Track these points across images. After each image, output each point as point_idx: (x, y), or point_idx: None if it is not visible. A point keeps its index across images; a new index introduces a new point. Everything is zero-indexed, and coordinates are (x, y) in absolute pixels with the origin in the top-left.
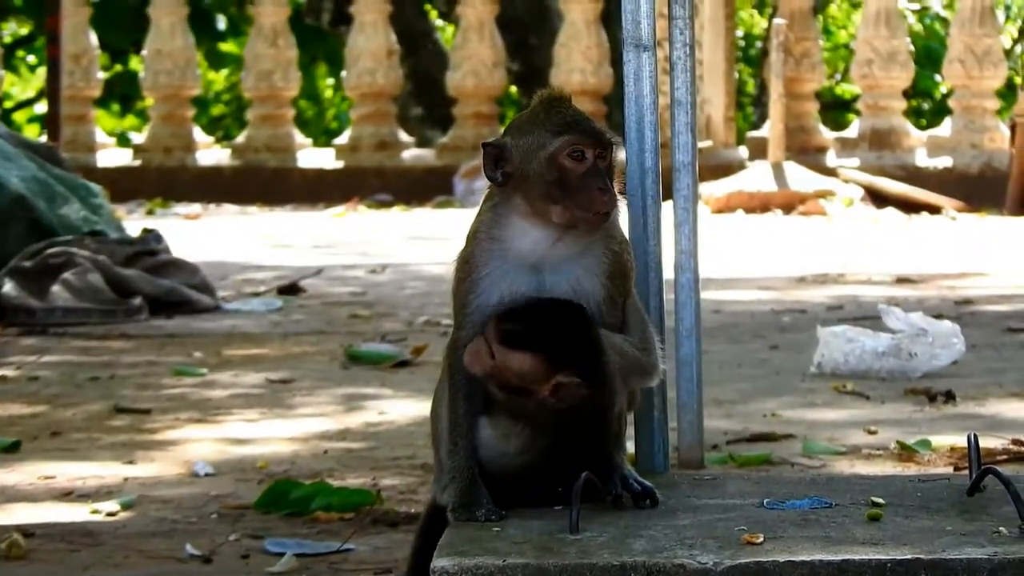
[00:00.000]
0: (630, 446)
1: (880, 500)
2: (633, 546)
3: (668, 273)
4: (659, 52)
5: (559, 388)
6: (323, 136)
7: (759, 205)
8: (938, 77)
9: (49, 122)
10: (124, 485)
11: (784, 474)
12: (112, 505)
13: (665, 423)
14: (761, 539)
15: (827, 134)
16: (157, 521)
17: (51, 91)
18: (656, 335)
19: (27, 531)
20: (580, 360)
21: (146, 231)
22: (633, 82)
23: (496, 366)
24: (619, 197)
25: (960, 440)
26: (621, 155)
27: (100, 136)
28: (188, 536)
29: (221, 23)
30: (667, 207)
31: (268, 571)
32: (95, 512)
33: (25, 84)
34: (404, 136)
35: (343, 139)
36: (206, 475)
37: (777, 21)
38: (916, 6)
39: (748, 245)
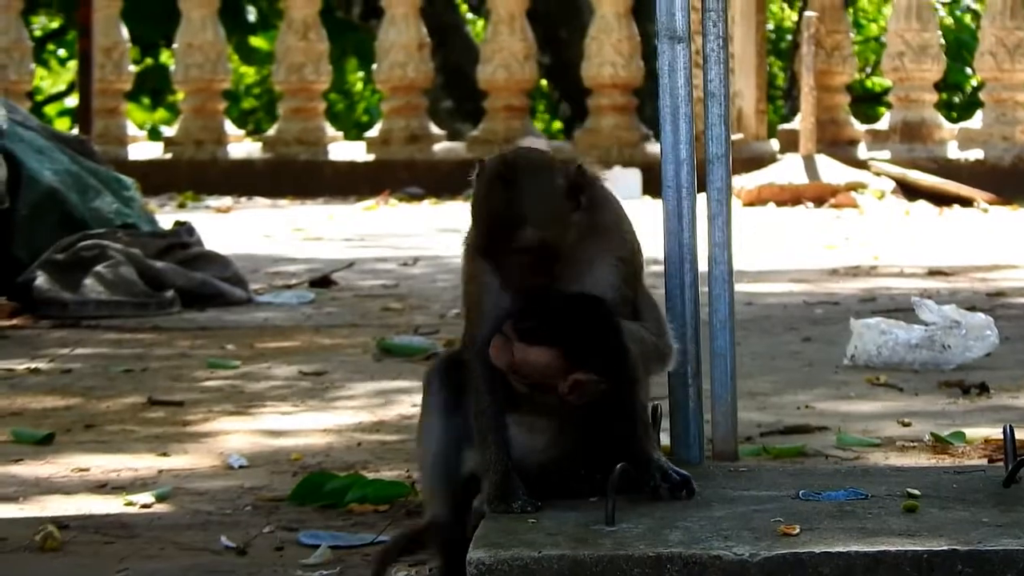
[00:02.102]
0: (664, 438)
1: (916, 492)
2: (669, 537)
3: (701, 266)
4: (691, 45)
5: (577, 385)
6: (353, 129)
7: (790, 198)
8: (969, 70)
9: (81, 115)
10: (158, 477)
11: (819, 466)
12: (147, 497)
13: (700, 414)
14: (797, 530)
15: (858, 127)
16: (192, 513)
17: (82, 84)
18: (666, 319)
19: (62, 523)
20: (597, 357)
21: (178, 224)
22: (668, 74)
23: (517, 362)
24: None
25: (994, 432)
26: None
27: (131, 129)
28: (223, 528)
29: (251, 16)
30: (700, 200)
31: (303, 563)
32: (129, 504)
33: (56, 78)
34: (435, 129)
35: (374, 132)
36: (240, 467)
37: (808, 14)
38: None
39: (780, 238)
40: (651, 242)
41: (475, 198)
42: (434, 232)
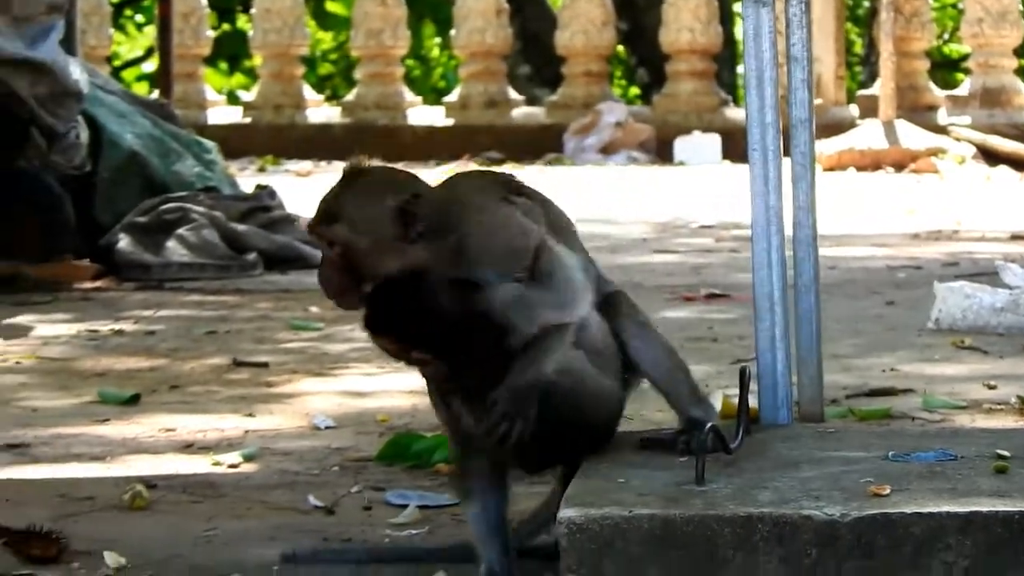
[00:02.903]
0: (752, 400)
1: (1005, 453)
2: (759, 497)
3: (786, 230)
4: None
5: (423, 364)
6: (431, 94)
7: (870, 163)
8: None
9: (161, 80)
10: (244, 438)
11: (906, 428)
12: (234, 457)
13: (788, 376)
14: (888, 491)
15: (937, 92)
16: (279, 473)
17: (162, 49)
18: (579, 280)
19: (149, 482)
20: (421, 336)
21: (260, 187)
22: (752, 38)
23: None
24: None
25: None
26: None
27: (210, 94)
28: (310, 488)
29: None
30: (783, 164)
31: (391, 522)
32: (216, 464)
33: (133, 43)
34: (513, 94)
35: (453, 97)
36: (326, 428)
37: None
38: None
39: (860, 202)
40: (734, 207)
41: None
42: None
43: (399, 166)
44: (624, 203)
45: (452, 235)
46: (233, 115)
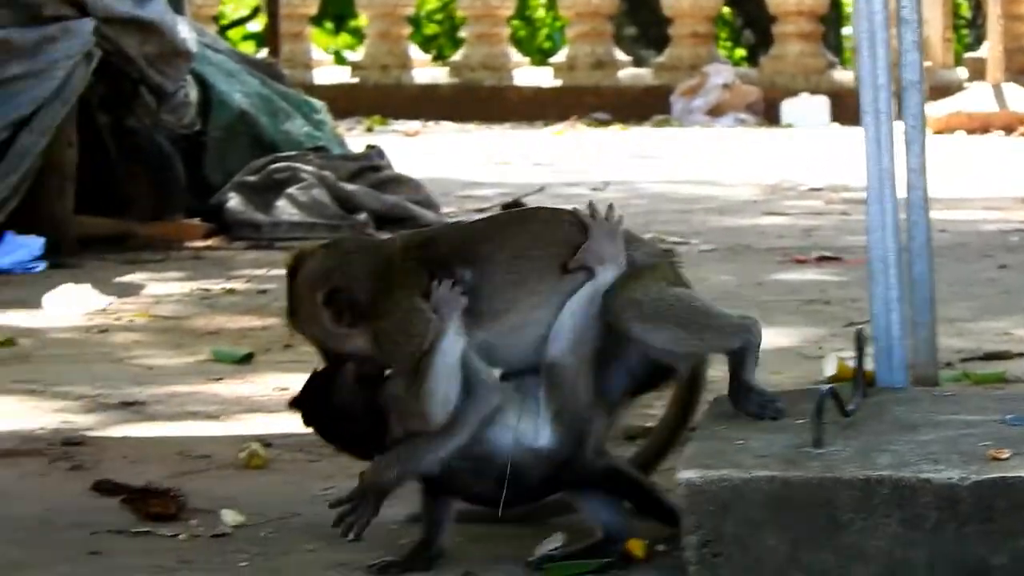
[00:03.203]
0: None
1: None
2: (878, 461)
3: (899, 192)
4: None
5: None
6: (536, 55)
7: (979, 126)
8: None
9: (269, 39)
10: None
11: (1022, 391)
12: None
13: (903, 339)
14: (1007, 455)
15: None
16: None
17: (270, 8)
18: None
19: (266, 441)
20: (333, 433)
21: (369, 147)
22: (864, 0)
23: None
24: None
25: None
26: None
27: (316, 54)
28: None
29: None
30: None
31: None
32: None
33: (238, 2)
34: (620, 55)
35: (560, 57)
36: None
37: None
38: None
39: (971, 165)
40: (843, 170)
41: None
42: (623, 157)
43: (505, 127)
44: (732, 165)
45: (369, 325)
46: (340, 75)
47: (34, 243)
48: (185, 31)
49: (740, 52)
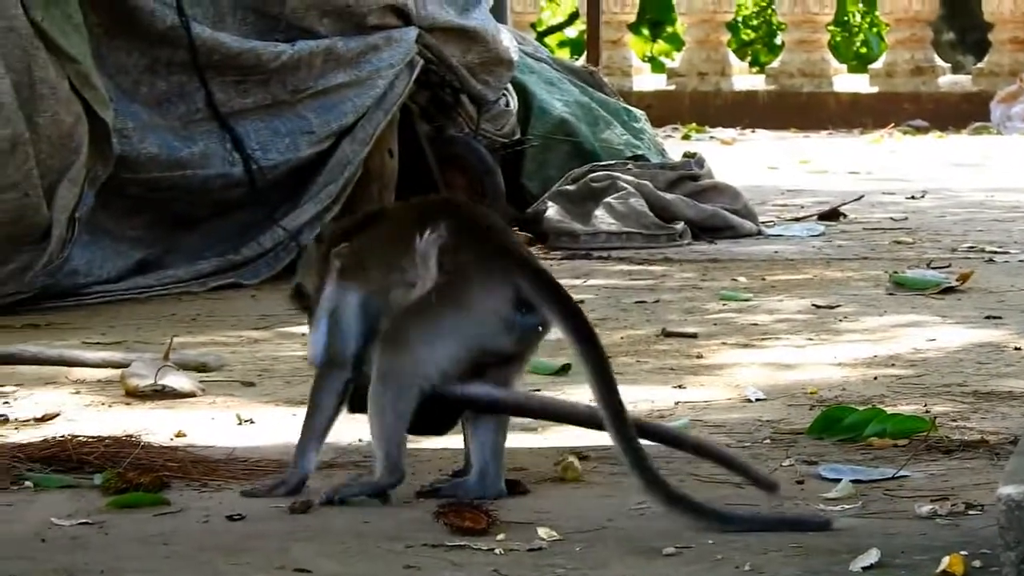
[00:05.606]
0: None
1: None
2: None
3: None
4: None
5: None
6: (852, 61)
7: None
8: None
9: (588, 46)
10: (675, 409)
11: None
12: None
13: None
14: None
15: None
16: None
17: (590, 15)
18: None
19: (582, 454)
20: None
21: (687, 155)
22: None
23: None
24: None
25: None
26: None
27: (634, 61)
28: None
29: None
30: None
31: (824, 496)
32: None
33: (555, 9)
34: (939, 61)
35: (878, 64)
36: (757, 400)
37: None
38: None
39: None
40: None
41: None
42: (941, 165)
43: (822, 134)
44: None
45: None
46: (657, 82)
47: None
48: (507, 39)
49: None
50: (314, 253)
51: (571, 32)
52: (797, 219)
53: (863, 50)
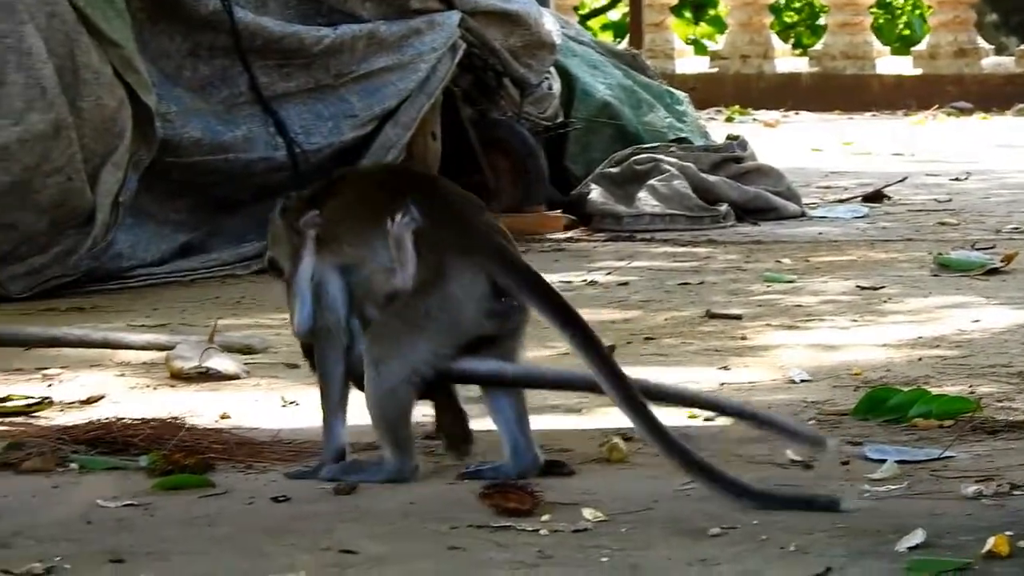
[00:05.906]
0: None
1: None
2: None
3: None
4: None
5: None
6: (895, 43)
7: None
8: None
9: (631, 29)
10: (720, 390)
11: None
12: None
13: None
14: None
15: None
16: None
17: None
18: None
19: (626, 435)
20: None
21: (730, 138)
22: None
23: None
24: None
25: None
26: None
27: (676, 43)
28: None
29: None
30: None
31: (869, 477)
32: (692, 417)
33: None
34: (982, 43)
35: (921, 46)
36: (802, 381)
37: None
38: None
39: None
40: None
41: None
42: (985, 147)
43: (865, 116)
44: None
45: None
46: (700, 64)
47: None
48: (550, 23)
49: None
50: (280, 222)
51: (614, 15)
52: (841, 201)
53: (906, 32)
